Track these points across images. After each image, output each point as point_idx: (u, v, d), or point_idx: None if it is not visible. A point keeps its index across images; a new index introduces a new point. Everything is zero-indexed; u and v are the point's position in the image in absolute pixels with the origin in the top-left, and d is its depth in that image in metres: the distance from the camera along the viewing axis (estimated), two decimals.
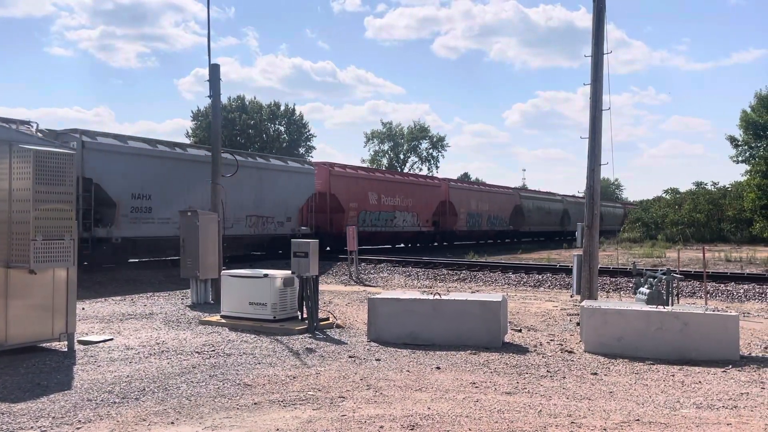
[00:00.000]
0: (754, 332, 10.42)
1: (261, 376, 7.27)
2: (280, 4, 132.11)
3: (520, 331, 10.34)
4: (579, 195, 57.97)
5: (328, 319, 10.80)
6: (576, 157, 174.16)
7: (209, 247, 13.58)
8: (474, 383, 7.06)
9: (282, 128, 71.37)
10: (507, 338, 9.56)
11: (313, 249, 10.17)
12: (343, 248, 22.09)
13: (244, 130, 67.33)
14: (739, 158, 51.66)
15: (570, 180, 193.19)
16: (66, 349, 8.47)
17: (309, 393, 6.60)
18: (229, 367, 7.67)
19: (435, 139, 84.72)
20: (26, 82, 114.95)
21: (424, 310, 9.31)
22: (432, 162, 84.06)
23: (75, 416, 5.77)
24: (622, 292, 15.77)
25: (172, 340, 9.35)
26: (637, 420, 5.80)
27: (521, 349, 8.93)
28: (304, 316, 10.34)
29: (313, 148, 73.09)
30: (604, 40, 12.04)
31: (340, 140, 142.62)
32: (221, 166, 14.36)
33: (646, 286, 10.93)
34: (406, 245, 34.37)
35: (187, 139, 63.77)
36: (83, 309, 12.00)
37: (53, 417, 5.75)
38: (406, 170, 78.11)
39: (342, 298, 14.21)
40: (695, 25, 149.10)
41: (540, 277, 18.52)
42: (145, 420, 5.69)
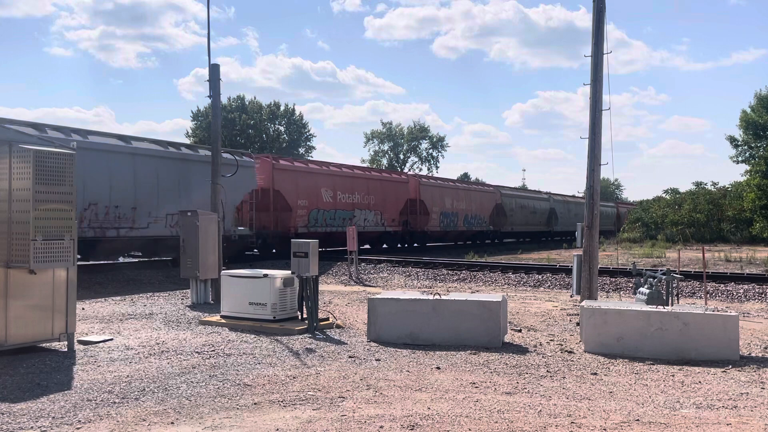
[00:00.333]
0: (754, 332, 10.42)
1: (261, 376, 7.27)
2: (280, 4, 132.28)
3: (520, 331, 10.35)
4: (568, 194, 56.61)
5: (328, 319, 10.80)
6: (576, 157, 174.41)
7: (209, 247, 13.58)
8: (474, 383, 7.07)
9: (282, 128, 71.46)
10: (507, 338, 9.57)
11: (313, 249, 10.18)
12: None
13: (244, 130, 67.38)
14: (739, 158, 51.65)
15: (570, 180, 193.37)
16: (66, 349, 8.47)
17: (309, 393, 6.60)
18: (229, 367, 7.67)
19: (435, 139, 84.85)
20: (26, 82, 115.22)
21: (424, 310, 9.31)
22: (432, 162, 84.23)
23: (75, 416, 5.77)
24: (622, 292, 15.77)
25: (172, 340, 9.35)
26: (637, 420, 5.80)
27: (521, 349, 8.93)
28: (304, 316, 10.34)
29: (313, 148, 73.26)
30: (604, 40, 12.04)
31: (340, 140, 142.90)
32: (221, 166, 14.37)
33: (646, 286, 10.93)
34: (372, 247, 31.23)
35: (187, 139, 63.71)
36: (83, 309, 12.01)
37: (53, 417, 5.75)
38: (406, 170, 77.94)
39: (342, 298, 14.22)
40: (695, 25, 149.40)
41: (540, 277, 18.53)
42: (145, 420, 5.70)
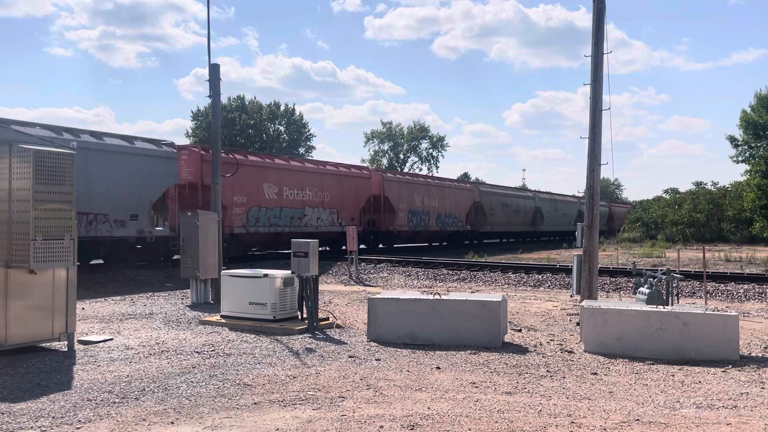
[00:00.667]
0: (754, 332, 10.42)
1: (261, 376, 7.28)
2: (280, 4, 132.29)
3: (520, 331, 10.35)
4: (555, 192, 54.84)
5: (328, 319, 10.80)
6: (576, 157, 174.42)
7: (209, 247, 13.58)
8: (474, 383, 7.07)
9: (282, 128, 71.48)
10: (507, 338, 9.57)
11: (313, 249, 10.18)
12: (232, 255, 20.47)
13: (244, 130, 67.39)
14: (739, 158, 51.65)
15: (570, 180, 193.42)
16: (66, 349, 8.47)
17: (309, 393, 6.60)
18: (229, 367, 7.67)
19: (435, 139, 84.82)
20: (26, 82, 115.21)
21: (424, 310, 9.31)
22: (432, 162, 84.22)
23: (75, 416, 5.77)
24: (622, 292, 15.77)
25: (172, 340, 9.35)
26: (637, 420, 5.80)
27: (521, 349, 8.93)
28: (304, 316, 10.34)
29: (313, 147, 73.26)
30: (604, 40, 12.04)
31: (340, 140, 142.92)
32: (221, 166, 14.37)
33: (646, 286, 10.92)
34: (329, 248, 27.91)
35: (187, 140, 63.71)
36: (83, 309, 12.01)
37: (53, 417, 5.75)
38: (406, 170, 77.83)
39: (342, 298, 14.21)
40: (695, 25, 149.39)
41: (540, 277, 18.53)
42: (145, 420, 5.70)
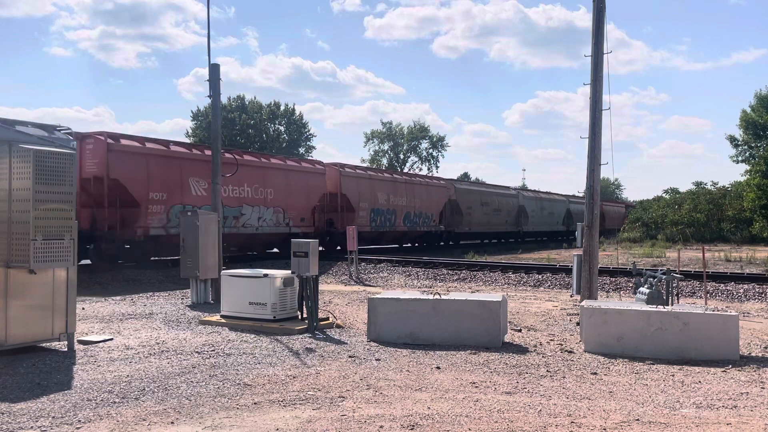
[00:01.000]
0: (754, 332, 10.42)
1: (261, 376, 7.27)
2: (280, 4, 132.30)
3: (520, 331, 10.35)
4: (541, 190, 52.96)
5: (328, 318, 10.80)
6: (576, 157, 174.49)
7: (209, 247, 13.58)
8: (474, 383, 7.07)
9: (282, 128, 71.47)
10: (507, 338, 9.57)
11: (313, 249, 10.18)
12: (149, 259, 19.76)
13: (244, 130, 67.39)
14: (739, 158, 51.73)
15: (570, 180, 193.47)
16: (66, 349, 8.47)
17: (309, 393, 6.60)
18: (229, 367, 7.67)
19: (435, 139, 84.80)
20: (26, 82, 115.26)
21: (424, 310, 9.31)
22: (432, 162, 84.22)
23: (75, 416, 5.77)
24: (622, 292, 15.77)
25: (172, 340, 9.35)
26: (637, 420, 5.80)
27: (521, 349, 8.93)
28: (304, 316, 10.34)
29: (313, 147, 73.26)
30: (604, 40, 12.03)
31: (340, 140, 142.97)
32: (221, 166, 14.37)
33: (646, 286, 10.92)
34: (280, 251, 25.10)
35: (187, 139, 63.70)
36: (83, 309, 12.01)
37: (53, 417, 5.75)
38: (406, 170, 77.76)
39: (342, 297, 14.21)
40: (695, 25, 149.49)
41: (540, 277, 18.53)
42: (145, 420, 5.70)
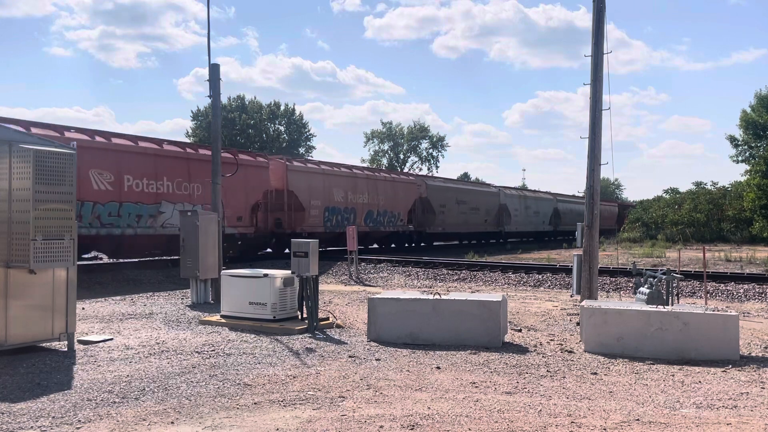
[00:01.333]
0: (754, 332, 10.42)
1: (261, 376, 7.27)
2: (280, 4, 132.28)
3: (520, 331, 10.35)
4: (527, 188, 51.73)
5: (328, 318, 10.80)
6: (576, 157, 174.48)
7: (209, 247, 13.58)
8: (474, 383, 7.07)
9: (282, 128, 71.48)
10: (507, 338, 9.57)
11: (313, 249, 10.18)
12: None
13: (244, 130, 67.39)
14: (739, 158, 51.77)
15: (570, 180, 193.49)
16: (66, 349, 8.47)
17: (309, 393, 6.60)
18: (229, 367, 7.67)
19: (435, 139, 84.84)
20: (26, 82, 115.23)
21: (424, 310, 9.31)
22: (432, 162, 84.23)
23: (75, 416, 5.77)
24: (622, 292, 15.77)
25: (172, 339, 9.35)
26: (637, 420, 5.80)
27: (521, 349, 8.93)
28: (304, 316, 10.34)
29: (313, 147, 73.27)
30: (604, 40, 12.03)
31: (340, 140, 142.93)
32: (221, 166, 14.37)
33: (646, 286, 10.92)
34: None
35: (187, 139, 63.70)
36: (83, 309, 12.00)
37: (53, 417, 5.75)
38: (406, 170, 77.68)
39: (342, 298, 14.21)
40: (695, 25, 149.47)
41: (540, 277, 18.52)
42: (145, 420, 5.69)
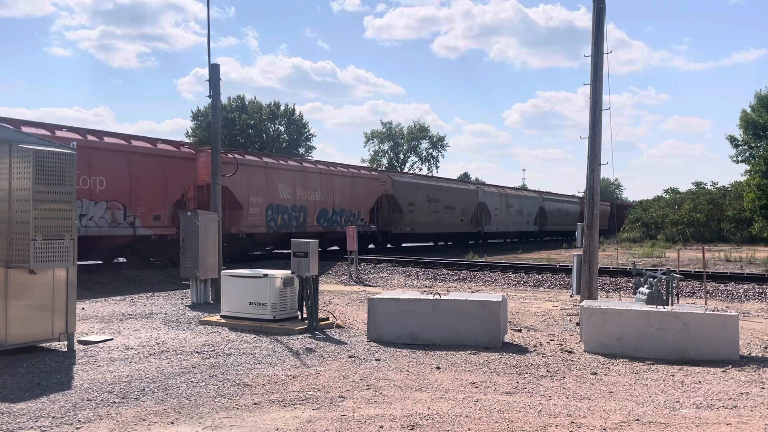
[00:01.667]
0: (754, 332, 10.42)
1: (261, 376, 7.27)
2: (280, 4, 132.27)
3: (520, 331, 10.35)
4: (509, 185, 46.76)
5: (327, 319, 10.80)
6: (576, 157, 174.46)
7: (209, 247, 13.58)
8: (474, 383, 7.07)
9: (282, 128, 71.45)
10: (507, 338, 9.57)
11: (312, 249, 10.18)
12: None
13: (244, 130, 67.38)
14: (739, 158, 51.73)
15: (570, 180, 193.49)
16: (66, 349, 8.47)
17: (309, 393, 6.60)
18: (229, 367, 7.67)
19: (435, 139, 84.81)
20: (26, 82, 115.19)
21: (424, 310, 9.31)
22: (432, 162, 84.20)
23: (75, 416, 5.77)
24: (622, 292, 15.77)
25: (172, 340, 9.35)
26: (637, 420, 5.80)
27: (521, 349, 8.93)
28: (304, 316, 10.34)
29: (313, 147, 73.22)
30: (604, 40, 12.03)
31: (340, 140, 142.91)
32: (221, 166, 14.37)
33: (646, 286, 10.92)
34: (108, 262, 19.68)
35: (187, 139, 63.70)
36: (83, 309, 12.00)
37: (53, 417, 5.75)
38: (405, 171, 77.64)
39: (342, 298, 14.21)
40: (695, 25, 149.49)
41: (540, 277, 18.52)
42: (144, 420, 5.69)
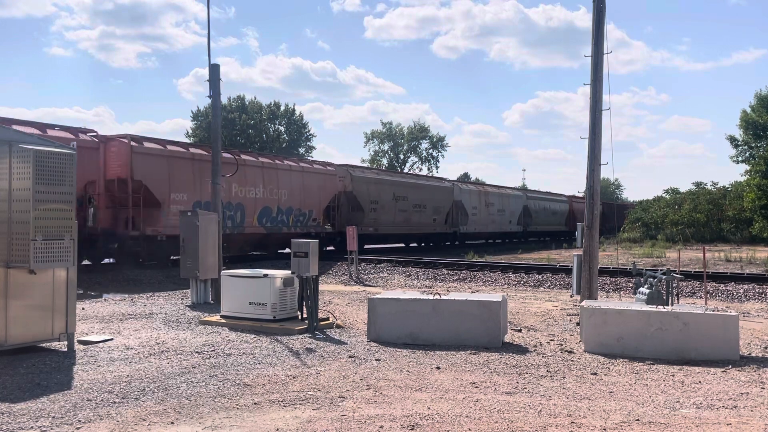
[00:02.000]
0: (754, 332, 10.42)
1: (261, 376, 7.27)
2: (280, 4, 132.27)
3: (520, 331, 10.34)
4: (490, 183, 45.17)
5: (328, 319, 10.80)
6: (576, 157, 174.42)
7: (209, 247, 13.58)
8: (474, 383, 7.06)
9: (282, 128, 71.46)
10: (507, 338, 9.56)
11: (313, 249, 10.18)
12: None
13: (244, 130, 67.38)
14: (739, 158, 51.75)
15: (570, 180, 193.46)
16: (66, 349, 8.47)
17: (309, 393, 6.60)
18: (229, 367, 7.67)
19: (435, 139, 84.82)
20: (26, 82, 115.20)
21: (424, 310, 9.31)
22: (432, 162, 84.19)
23: (75, 416, 5.77)
24: (622, 292, 15.77)
25: (172, 340, 9.35)
26: (637, 420, 5.80)
27: (521, 349, 8.93)
28: (304, 316, 10.34)
29: (313, 148, 73.22)
30: (604, 40, 12.03)
31: (340, 140, 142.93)
32: (221, 166, 14.37)
33: (646, 286, 10.92)
34: None
35: (187, 139, 63.69)
36: (83, 309, 12.00)
37: (53, 417, 5.75)
38: (405, 170, 77.57)
39: (342, 298, 14.21)
40: (695, 25, 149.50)
41: (540, 277, 18.52)
42: (145, 420, 5.69)
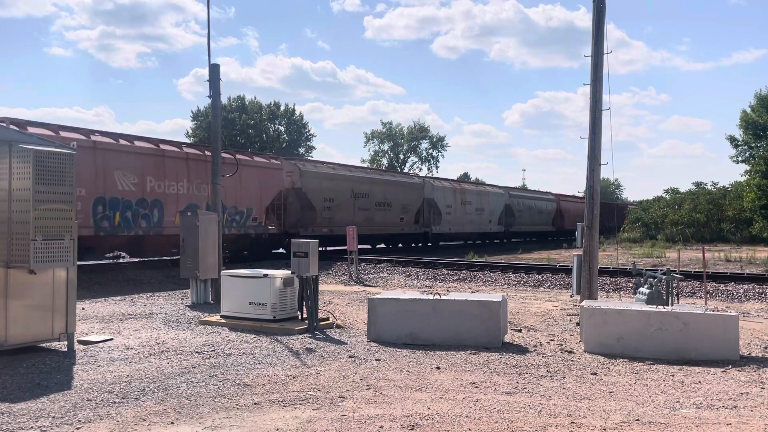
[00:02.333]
0: (754, 332, 10.42)
1: (261, 376, 7.27)
2: (280, 4, 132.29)
3: (520, 331, 10.34)
4: (464, 180, 41.59)
5: (328, 319, 10.80)
6: (576, 157, 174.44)
7: (209, 247, 13.58)
8: (474, 383, 7.07)
9: (282, 128, 71.51)
10: (507, 338, 9.57)
11: (312, 249, 10.18)
12: None
13: (244, 130, 67.40)
14: (739, 158, 51.73)
15: (570, 180, 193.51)
16: (66, 349, 8.47)
17: (309, 393, 6.60)
18: (229, 367, 7.67)
19: (435, 139, 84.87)
20: (26, 82, 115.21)
21: (424, 310, 9.31)
22: (432, 162, 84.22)
23: (75, 416, 5.77)
24: (622, 292, 15.76)
25: (172, 340, 9.35)
26: (637, 420, 5.80)
27: (521, 349, 8.93)
28: (304, 316, 10.34)
29: (313, 148, 73.26)
30: (604, 40, 12.03)
31: (340, 140, 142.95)
32: (221, 166, 14.37)
33: (646, 286, 10.92)
34: None
35: (187, 139, 63.68)
36: (83, 309, 12.00)
37: (53, 417, 5.75)
38: (406, 170, 77.61)
39: (342, 298, 14.21)
40: (695, 25, 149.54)
41: (540, 277, 18.51)
42: (145, 420, 5.69)
